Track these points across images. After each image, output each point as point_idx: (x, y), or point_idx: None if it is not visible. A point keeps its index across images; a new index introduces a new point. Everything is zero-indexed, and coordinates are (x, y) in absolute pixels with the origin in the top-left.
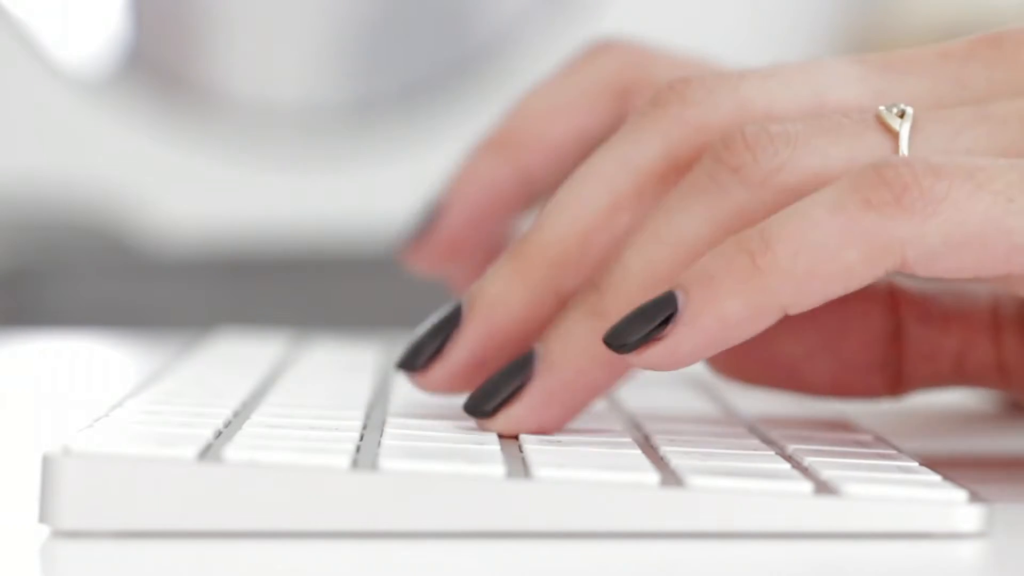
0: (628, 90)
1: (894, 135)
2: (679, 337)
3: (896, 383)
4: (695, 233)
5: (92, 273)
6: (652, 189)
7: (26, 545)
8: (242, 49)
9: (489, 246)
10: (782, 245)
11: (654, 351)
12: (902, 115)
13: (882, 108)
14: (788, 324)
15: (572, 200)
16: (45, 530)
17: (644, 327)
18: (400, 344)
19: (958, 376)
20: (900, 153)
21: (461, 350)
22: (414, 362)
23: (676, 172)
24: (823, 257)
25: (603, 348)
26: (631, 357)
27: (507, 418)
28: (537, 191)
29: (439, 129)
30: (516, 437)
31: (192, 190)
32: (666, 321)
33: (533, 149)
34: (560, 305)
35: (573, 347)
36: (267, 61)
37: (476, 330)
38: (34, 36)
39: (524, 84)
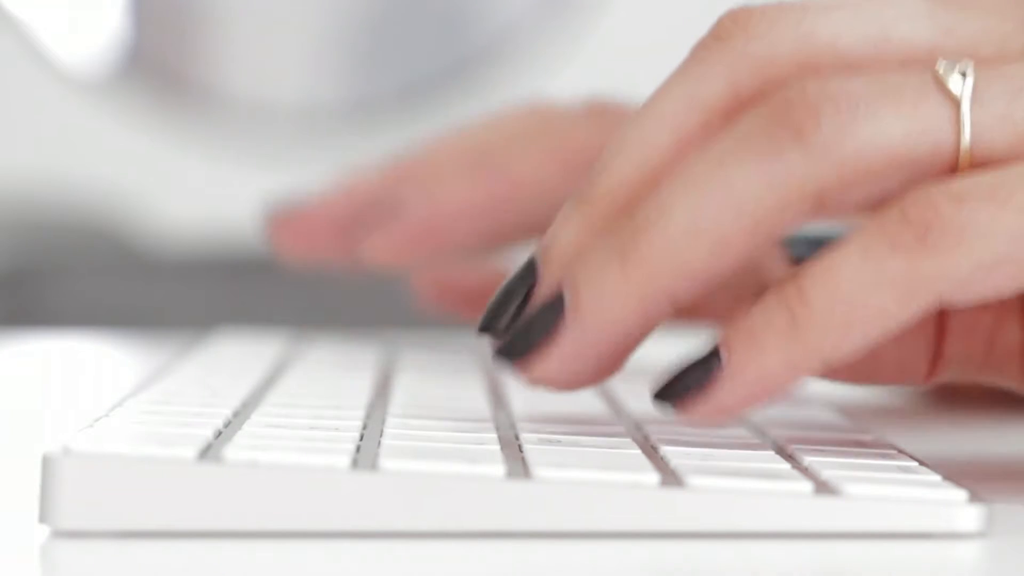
0: None
1: (954, 103)
2: (723, 392)
3: (937, 362)
4: (745, 190)
5: (92, 273)
6: (718, 125)
7: (26, 545)
8: (242, 49)
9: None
10: (818, 298)
11: (700, 406)
12: (964, 74)
13: (941, 67)
14: None
15: (636, 140)
16: (45, 530)
17: (690, 383)
18: (400, 344)
19: (987, 359)
20: (962, 129)
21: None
22: (492, 324)
23: (741, 108)
24: (858, 306)
25: (638, 296)
26: (678, 412)
27: (543, 373)
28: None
29: (439, 129)
30: (517, 436)
31: (192, 190)
32: (710, 376)
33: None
34: None
35: (606, 296)
36: (267, 61)
37: (553, 280)
38: (34, 36)
39: (523, 85)
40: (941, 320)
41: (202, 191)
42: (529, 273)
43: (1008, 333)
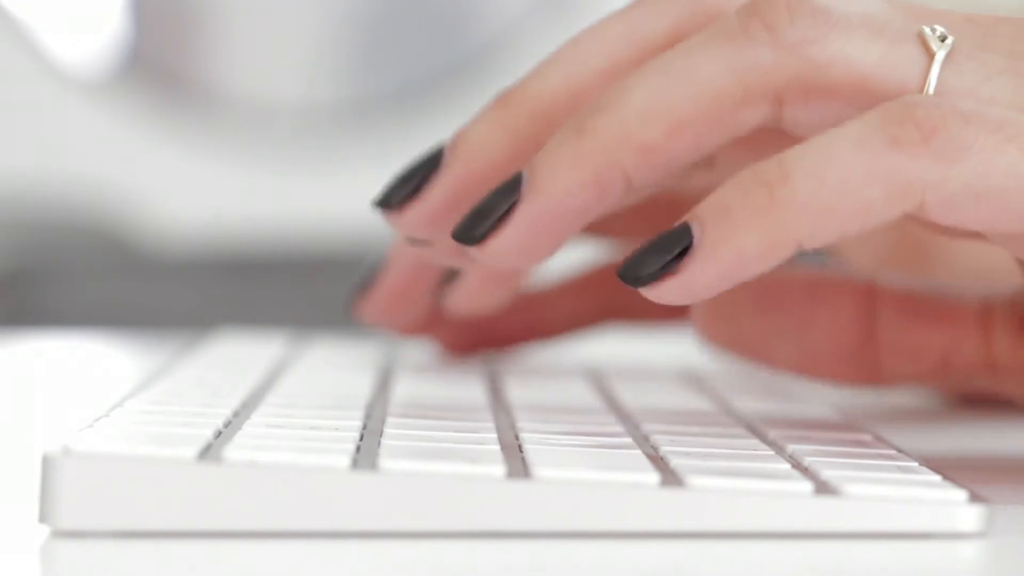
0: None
1: (930, 55)
2: (694, 271)
3: (875, 376)
4: (708, 74)
5: (92, 273)
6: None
7: (26, 545)
8: (241, 48)
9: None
10: (802, 178)
11: (669, 285)
12: (943, 40)
13: (926, 28)
14: (755, 300)
15: (569, 57)
16: (45, 530)
17: (659, 260)
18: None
19: (945, 374)
20: (929, 77)
21: (438, 191)
22: (390, 200)
23: None
24: (843, 193)
25: (592, 168)
26: (647, 291)
27: (497, 245)
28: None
29: (437, 129)
30: (517, 436)
31: (192, 190)
32: (682, 253)
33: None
34: None
35: (561, 168)
36: (266, 61)
37: (454, 173)
38: (34, 36)
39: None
40: (874, 341)
41: (202, 191)
42: (433, 161)
43: (966, 351)
